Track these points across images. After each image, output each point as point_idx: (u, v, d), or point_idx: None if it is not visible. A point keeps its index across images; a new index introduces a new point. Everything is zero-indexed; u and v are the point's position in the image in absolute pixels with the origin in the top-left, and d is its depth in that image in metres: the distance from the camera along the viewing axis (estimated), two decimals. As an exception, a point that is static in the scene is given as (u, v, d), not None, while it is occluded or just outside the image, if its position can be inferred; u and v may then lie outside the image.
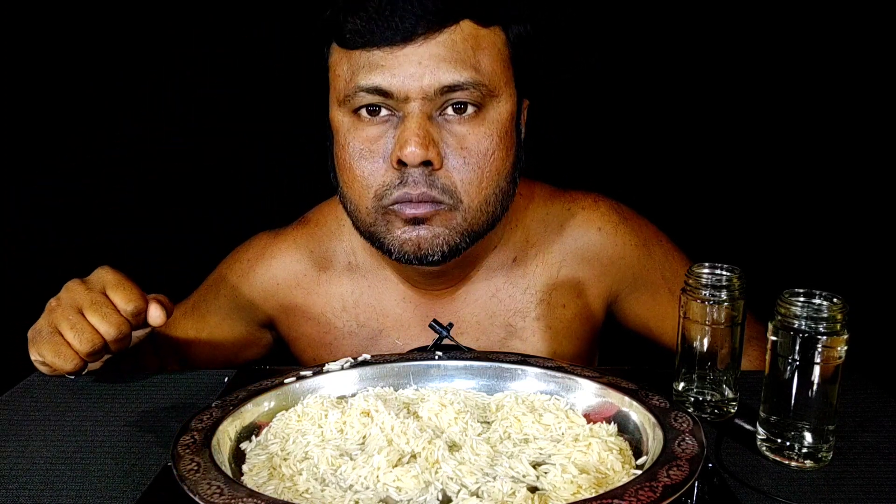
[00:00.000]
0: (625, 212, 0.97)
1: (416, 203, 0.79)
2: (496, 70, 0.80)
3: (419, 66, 0.76)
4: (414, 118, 0.77)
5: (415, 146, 0.76)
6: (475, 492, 0.56)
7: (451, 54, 0.77)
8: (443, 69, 0.76)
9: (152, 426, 0.72)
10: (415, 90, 0.76)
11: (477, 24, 0.78)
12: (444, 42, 0.76)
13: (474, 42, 0.78)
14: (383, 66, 0.77)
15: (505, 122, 0.81)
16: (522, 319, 0.93)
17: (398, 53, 0.76)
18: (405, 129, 0.77)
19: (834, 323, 0.60)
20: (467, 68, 0.77)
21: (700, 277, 0.70)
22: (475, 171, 0.80)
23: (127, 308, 0.76)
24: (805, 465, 0.63)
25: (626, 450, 0.62)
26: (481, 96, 0.78)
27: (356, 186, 0.82)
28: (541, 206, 0.96)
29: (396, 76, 0.76)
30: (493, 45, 0.80)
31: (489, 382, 0.73)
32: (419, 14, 0.75)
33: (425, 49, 0.76)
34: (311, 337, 0.97)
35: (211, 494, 0.51)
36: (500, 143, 0.81)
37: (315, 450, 0.61)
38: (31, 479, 0.63)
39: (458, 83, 0.77)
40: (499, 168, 0.81)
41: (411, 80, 0.76)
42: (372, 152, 0.80)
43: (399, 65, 0.76)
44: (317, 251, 0.97)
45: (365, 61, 0.78)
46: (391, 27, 0.75)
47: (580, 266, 0.95)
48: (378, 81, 0.77)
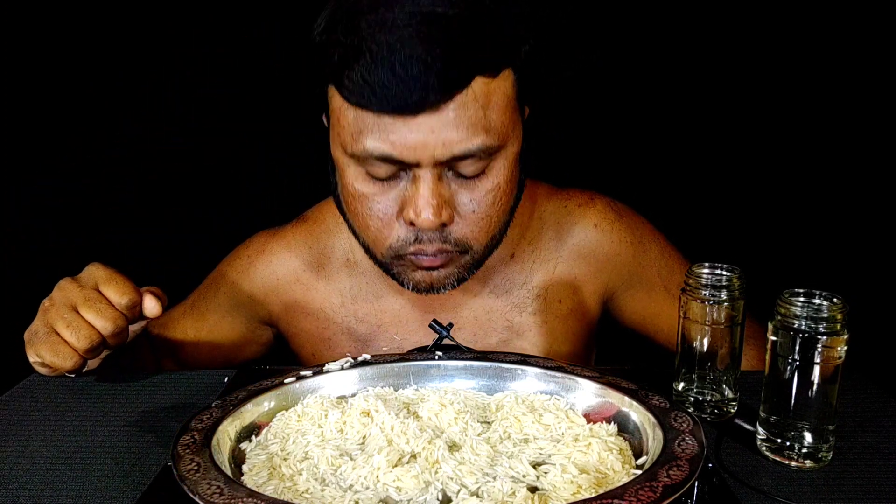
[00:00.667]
0: (621, 209, 0.98)
1: (432, 255, 0.80)
2: (505, 121, 0.77)
3: (431, 135, 0.73)
4: (426, 184, 0.75)
5: (429, 214, 0.75)
6: (475, 492, 0.56)
7: (462, 121, 0.73)
8: (454, 139, 0.73)
9: (152, 426, 0.72)
10: (426, 158, 0.74)
11: (488, 78, 0.74)
12: (456, 108, 0.73)
13: (485, 99, 0.74)
14: (392, 133, 0.73)
15: (511, 164, 0.80)
16: (519, 315, 0.94)
17: (409, 121, 0.72)
18: (418, 194, 0.76)
19: (834, 323, 0.60)
20: (478, 133, 0.74)
21: (700, 277, 0.70)
22: (484, 220, 0.80)
23: (121, 301, 0.77)
24: (805, 465, 0.63)
25: (626, 450, 0.62)
26: (489, 155, 0.77)
27: (370, 235, 0.82)
28: (538, 203, 0.96)
29: (407, 146, 0.73)
30: (503, 95, 0.76)
31: (489, 382, 0.73)
32: (430, 83, 0.71)
33: (436, 117, 0.72)
34: (311, 333, 0.97)
35: (211, 494, 0.51)
36: (508, 186, 0.81)
37: (315, 450, 0.61)
38: (31, 479, 0.63)
39: (470, 152, 0.75)
40: (505, 209, 0.82)
41: (423, 150, 0.73)
42: (383, 205, 0.79)
43: (410, 132, 0.73)
44: (315, 248, 0.98)
45: (373, 123, 0.74)
46: (402, 98, 0.71)
47: (576, 263, 0.95)
48: (388, 150, 0.74)
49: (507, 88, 0.77)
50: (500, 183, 0.79)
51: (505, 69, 0.76)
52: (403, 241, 0.79)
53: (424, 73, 0.70)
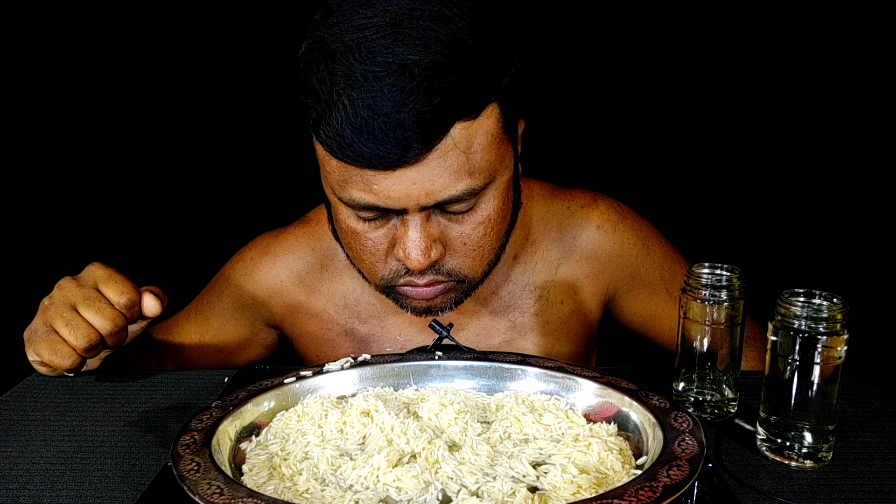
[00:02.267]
0: (624, 211, 0.98)
1: (423, 287, 0.79)
2: (491, 159, 0.75)
3: (413, 186, 0.71)
4: (414, 227, 0.75)
5: (418, 255, 0.75)
6: (475, 492, 0.56)
7: (444, 170, 0.71)
8: (438, 186, 0.72)
9: (152, 426, 0.72)
10: (412, 206, 0.73)
11: (468, 121, 0.72)
12: (437, 157, 0.71)
13: (466, 144, 0.72)
14: (376, 184, 0.72)
15: (502, 193, 0.79)
16: (521, 315, 0.94)
17: (391, 176, 0.71)
18: (407, 237, 0.75)
19: (834, 323, 0.60)
20: (462, 178, 0.72)
21: (700, 277, 0.70)
22: (477, 251, 0.79)
23: (120, 301, 0.77)
24: (805, 465, 0.63)
25: (626, 450, 0.62)
26: (476, 195, 0.75)
27: (364, 267, 0.82)
28: (541, 204, 0.96)
29: (391, 196, 0.72)
30: (486, 133, 0.73)
31: (489, 382, 0.73)
32: (408, 137, 0.68)
33: (417, 169, 0.71)
34: (314, 334, 0.97)
35: (211, 494, 0.51)
36: (499, 216, 0.79)
37: (315, 450, 0.61)
38: (31, 479, 0.63)
39: (454, 197, 0.73)
40: (499, 236, 0.81)
41: (406, 199, 0.72)
42: (375, 242, 0.79)
43: (392, 186, 0.71)
44: (318, 249, 0.98)
45: (356, 174, 0.72)
46: (379, 155, 0.69)
47: (578, 263, 0.95)
48: (372, 201, 0.73)
49: (490, 126, 0.74)
50: (491, 214, 0.78)
51: (487, 106, 0.73)
52: (395, 273, 0.80)
53: (399, 130, 0.68)
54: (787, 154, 1.47)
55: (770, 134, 1.47)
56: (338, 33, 0.71)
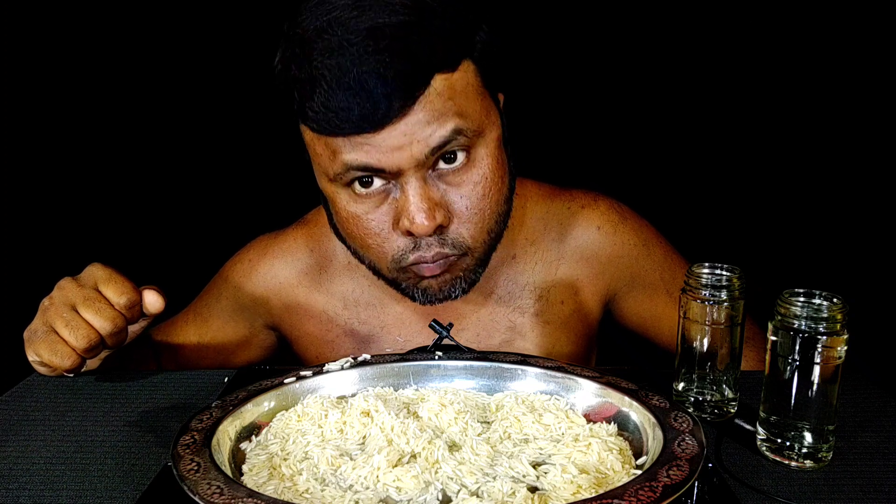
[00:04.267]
0: (625, 211, 0.98)
1: (432, 262, 0.79)
2: (476, 108, 0.77)
3: (404, 137, 0.73)
4: (414, 189, 0.75)
5: (422, 218, 0.75)
6: (475, 492, 0.56)
7: (431, 115, 0.73)
8: (427, 132, 0.73)
9: (152, 426, 0.72)
10: (406, 161, 0.74)
11: (447, 73, 0.74)
12: (422, 107, 0.73)
13: (449, 92, 0.74)
14: (367, 144, 0.73)
15: (494, 152, 0.80)
16: (521, 316, 0.94)
17: (380, 134, 0.73)
18: (408, 202, 0.76)
19: (834, 323, 0.60)
20: (450, 119, 0.74)
21: (700, 277, 0.70)
22: (478, 215, 0.80)
23: (120, 301, 0.77)
24: (805, 465, 0.63)
25: (626, 450, 0.62)
26: (468, 140, 0.77)
27: (371, 253, 0.82)
28: (541, 204, 0.96)
29: (384, 153, 0.73)
30: (467, 84, 0.76)
31: (489, 382, 0.73)
32: (389, 94, 0.71)
33: (405, 122, 0.73)
34: (314, 335, 0.97)
35: (211, 494, 0.51)
36: (496, 176, 0.80)
37: (315, 450, 0.61)
38: (31, 479, 0.63)
39: (446, 139, 0.74)
40: (498, 200, 0.81)
41: (399, 153, 0.73)
42: (378, 221, 0.79)
43: (383, 141, 0.73)
44: (317, 250, 0.98)
45: (344, 142, 0.74)
46: (364, 116, 0.71)
47: (579, 264, 0.95)
48: (365, 160, 0.74)
49: (469, 78, 0.77)
50: (487, 173, 0.79)
51: (462, 61, 0.76)
52: (403, 250, 0.79)
53: (382, 86, 0.70)
54: (787, 154, 1.47)
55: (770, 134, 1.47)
56: (308, 23, 0.75)
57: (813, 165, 1.45)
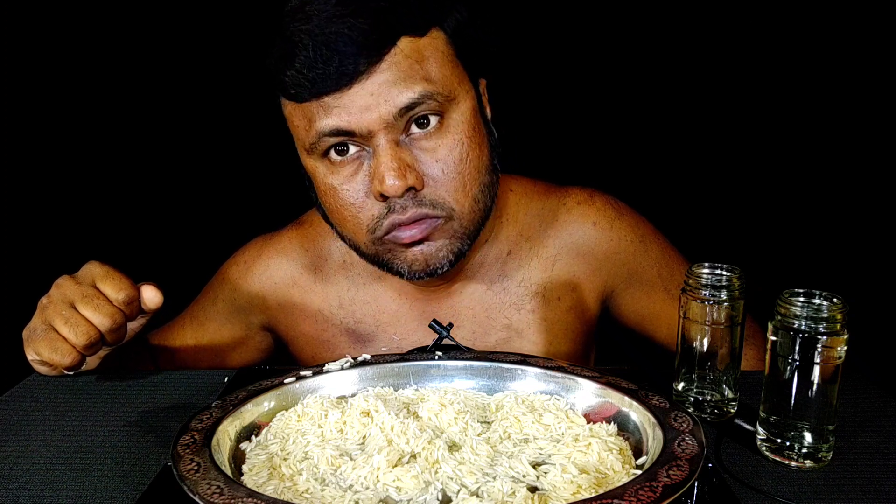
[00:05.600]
0: (621, 208, 0.98)
1: (410, 225, 0.80)
2: (446, 74, 0.79)
3: (372, 97, 0.76)
4: (384, 150, 0.77)
5: (393, 179, 0.77)
6: (475, 492, 0.56)
7: (398, 76, 0.76)
8: (395, 92, 0.76)
9: (152, 426, 0.72)
10: (375, 122, 0.76)
11: (414, 37, 0.77)
12: (388, 67, 0.76)
13: (417, 56, 0.77)
14: (337, 107, 0.76)
15: (470, 119, 0.82)
16: (518, 312, 0.94)
17: (347, 93, 0.76)
18: (379, 163, 0.77)
19: (834, 323, 0.60)
20: (418, 82, 0.77)
21: (700, 277, 0.70)
22: (457, 178, 0.80)
23: (118, 297, 0.77)
24: (805, 465, 0.63)
25: (626, 450, 0.62)
26: (439, 104, 0.78)
27: (348, 225, 0.83)
28: (536, 200, 0.96)
29: (353, 113, 0.76)
30: (436, 50, 0.79)
31: (489, 382, 0.73)
32: (356, 52, 0.74)
33: (372, 81, 0.75)
34: (309, 335, 0.97)
35: (211, 494, 0.51)
36: (472, 142, 0.81)
37: (315, 450, 0.61)
38: (31, 479, 0.63)
39: (413, 100, 0.76)
40: (478, 166, 0.82)
41: (368, 113, 0.76)
42: (353, 190, 0.81)
43: (352, 102, 0.76)
44: (312, 250, 0.98)
45: (317, 108, 0.77)
46: (333, 73, 0.75)
47: (575, 260, 0.95)
48: (336, 123, 0.77)
49: (439, 45, 0.79)
50: (462, 138, 0.80)
51: (432, 29, 0.79)
52: (378, 216, 0.80)
53: (349, 44, 0.74)
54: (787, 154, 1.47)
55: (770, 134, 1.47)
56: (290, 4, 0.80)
57: (813, 165, 1.45)
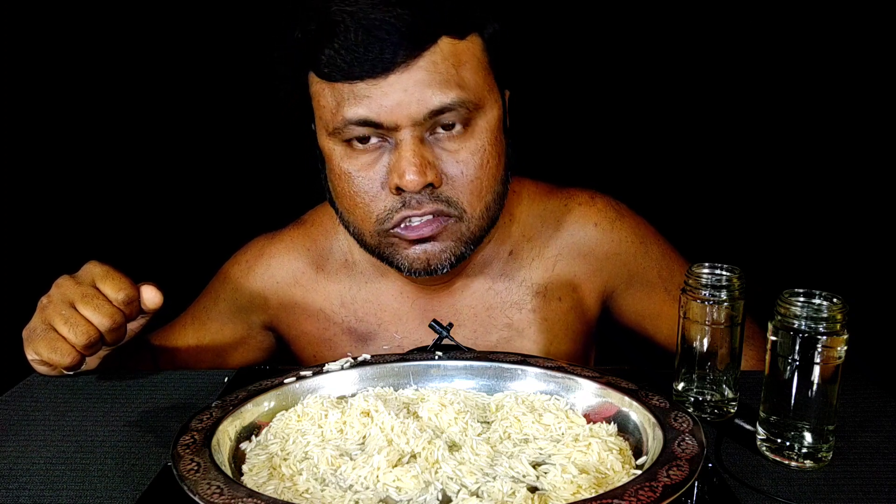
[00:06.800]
0: (622, 209, 0.98)
1: (422, 221, 0.80)
2: (479, 81, 0.79)
3: (405, 94, 0.75)
4: (407, 145, 0.77)
5: (413, 174, 0.76)
6: (475, 492, 0.56)
7: (434, 77, 0.76)
8: (429, 94, 0.76)
9: (152, 426, 0.72)
10: (404, 118, 0.76)
11: (454, 39, 0.77)
12: (426, 65, 0.75)
13: (455, 59, 0.77)
14: (369, 97, 0.76)
15: (494, 129, 0.82)
16: (519, 312, 0.94)
17: (382, 83, 0.75)
18: (400, 157, 0.77)
19: (834, 323, 0.60)
20: (452, 88, 0.76)
21: (700, 277, 0.70)
22: (475, 182, 0.81)
23: (118, 297, 0.77)
24: (805, 465, 0.63)
25: (626, 450, 0.62)
26: (468, 112, 0.78)
27: (357, 213, 0.83)
28: (537, 201, 0.96)
29: (384, 107, 0.76)
30: (472, 56, 0.79)
31: (489, 382, 0.73)
32: (397, 42, 0.74)
33: (408, 76, 0.75)
34: (311, 334, 0.97)
35: (211, 494, 0.51)
36: (493, 151, 0.82)
37: (315, 450, 0.61)
38: (31, 479, 0.63)
39: (446, 105, 0.76)
40: (494, 175, 0.83)
41: (399, 109, 0.76)
42: (369, 179, 0.80)
43: (385, 94, 0.75)
44: (313, 250, 0.98)
45: (349, 93, 0.76)
46: (371, 59, 0.74)
47: (576, 261, 0.95)
48: (365, 113, 0.76)
49: (476, 51, 0.79)
50: (485, 145, 0.80)
51: (471, 34, 0.79)
52: (390, 209, 0.80)
53: (391, 33, 0.74)
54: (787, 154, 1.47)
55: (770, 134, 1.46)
56: None
57: (813, 165, 1.45)
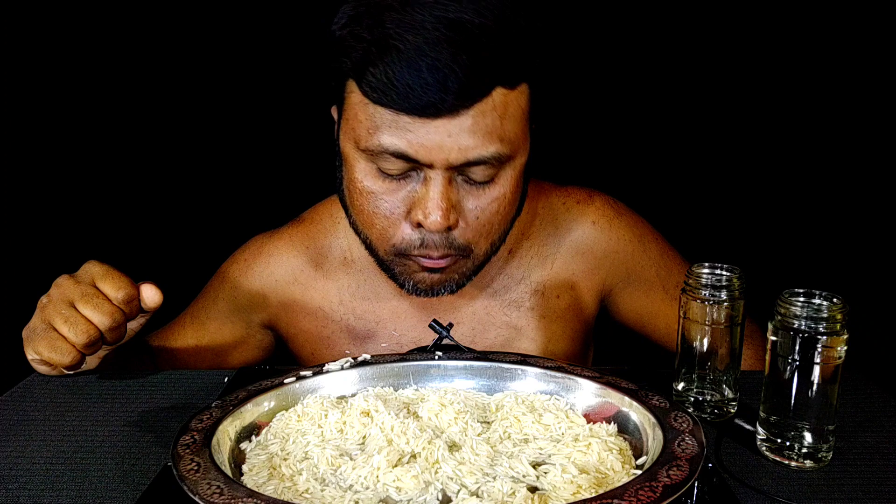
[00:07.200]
0: (620, 208, 0.98)
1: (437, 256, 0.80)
2: (518, 132, 0.78)
3: (448, 139, 0.73)
4: (437, 186, 0.76)
5: (437, 217, 0.76)
6: (475, 492, 0.56)
7: (479, 127, 0.74)
8: (471, 144, 0.74)
9: (152, 426, 0.72)
10: (441, 160, 0.74)
11: (506, 89, 0.75)
12: (475, 114, 0.73)
13: (503, 110, 0.75)
14: (410, 132, 0.73)
15: (518, 175, 0.81)
16: (517, 310, 0.94)
17: (428, 123, 0.73)
18: (428, 197, 0.76)
19: (834, 323, 0.60)
20: (494, 141, 0.75)
21: (700, 277, 0.70)
22: (486, 226, 0.81)
23: (117, 296, 0.77)
24: (805, 465, 0.63)
25: (626, 450, 0.62)
26: (501, 164, 0.78)
27: (373, 232, 0.82)
28: (537, 200, 0.97)
29: (424, 146, 0.74)
30: (518, 107, 0.77)
31: (489, 382, 0.73)
32: (453, 89, 0.71)
33: (455, 122, 0.73)
34: (310, 332, 0.97)
35: (211, 494, 0.51)
36: (512, 197, 0.82)
37: (315, 450, 0.61)
38: (31, 479, 0.63)
39: (484, 158, 0.75)
40: (507, 217, 0.83)
41: (438, 152, 0.74)
42: (391, 205, 0.79)
43: (427, 134, 0.73)
44: (312, 247, 0.98)
45: (391, 121, 0.74)
46: (423, 101, 0.71)
47: (574, 260, 0.96)
48: (404, 148, 0.74)
49: (522, 102, 0.78)
50: (507, 192, 0.80)
51: (522, 83, 0.77)
52: (409, 242, 0.80)
53: (448, 77, 0.71)
54: (787, 154, 1.47)
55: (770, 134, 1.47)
56: None
57: (813, 165, 1.45)
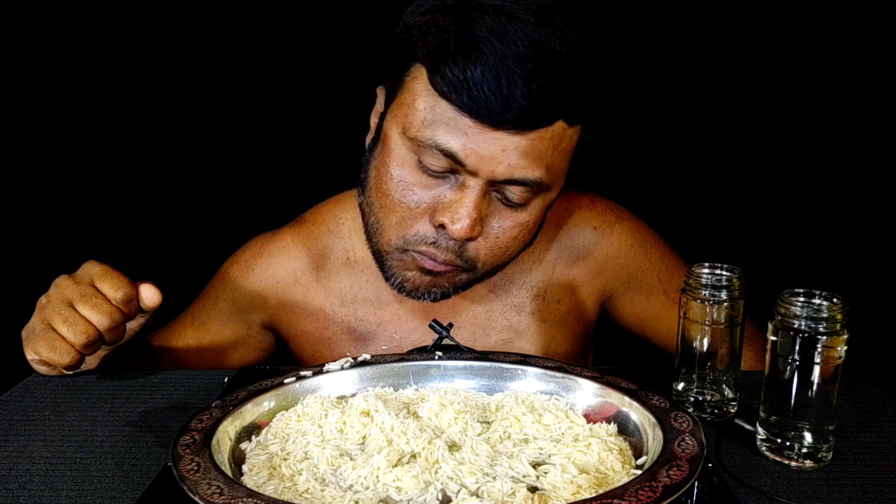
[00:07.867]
0: (621, 212, 0.98)
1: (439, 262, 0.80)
2: (561, 167, 0.79)
3: (501, 153, 0.74)
4: (472, 196, 0.76)
5: (466, 225, 0.76)
6: (475, 492, 0.56)
7: (533, 150, 0.75)
8: (521, 164, 0.75)
9: (152, 426, 0.72)
10: (486, 171, 0.75)
11: (566, 125, 0.76)
12: (533, 137, 0.74)
13: (557, 141, 0.76)
14: (467, 135, 0.74)
15: (545, 206, 0.82)
16: (518, 314, 0.94)
17: (487, 132, 0.73)
18: (462, 203, 0.76)
19: (834, 323, 0.60)
20: (541, 167, 0.76)
21: (700, 277, 0.70)
22: (501, 249, 0.82)
23: (116, 296, 0.77)
24: (805, 465, 0.63)
25: (626, 450, 0.62)
26: (538, 191, 0.79)
27: (388, 218, 0.81)
28: None
29: (475, 153, 0.74)
30: (569, 144, 0.78)
31: (489, 382, 0.73)
32: (526, 109, 0.72)
33: (513, 139, 0.74)
34: (311, 333, 0.97)
35: (211, 494, 0.51)
36: (534, 227, 0.83)
37: (315, 450, 0.61)
38: (31, 479, 0.63)
39: (527, 180, 0.76)
40: (522, 245, 0.84)
41: (487, 163, 0.74)
42: (419, 197, 0.79)
43: (483, 142, 0.73)
44: (314, 248, 0.98)
45: (451, 119, 0.74)
46: (493, 112, 0.72)
47: (575, 264, 0.96)
48: (457, 150, 0.74)
49: (573, 140, 0.79)
50: (531, 220, 0.81)
51: (580, 123, 0.78)
52: (421, 237, 0.80)
53: (524, 95, 0.71)
54: (787, 154, 1.46)
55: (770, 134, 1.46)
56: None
57: (813, 165, 1.45)
